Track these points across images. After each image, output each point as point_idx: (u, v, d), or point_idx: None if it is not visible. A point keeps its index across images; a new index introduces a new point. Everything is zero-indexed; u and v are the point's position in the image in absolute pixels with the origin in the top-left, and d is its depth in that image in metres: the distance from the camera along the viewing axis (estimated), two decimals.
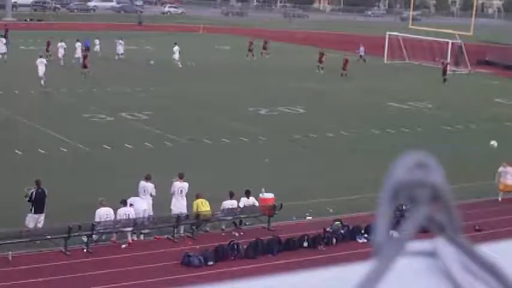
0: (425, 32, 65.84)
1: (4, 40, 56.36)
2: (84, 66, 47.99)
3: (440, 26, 72.09)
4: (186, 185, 22.71)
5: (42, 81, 43.68)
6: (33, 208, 20.99)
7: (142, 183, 22.51)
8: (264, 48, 64.76)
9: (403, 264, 0.92)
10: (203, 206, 22.25)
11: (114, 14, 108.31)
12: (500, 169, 26.95)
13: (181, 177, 22.94)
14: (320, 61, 55.61)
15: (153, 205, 22.31)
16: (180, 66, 54.83)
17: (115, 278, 18.72)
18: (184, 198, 22.62)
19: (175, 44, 56.19)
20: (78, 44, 55.87)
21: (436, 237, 0.96)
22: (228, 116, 37.69)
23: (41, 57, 45.99)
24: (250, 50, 62.33)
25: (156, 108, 39.03)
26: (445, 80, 53.45)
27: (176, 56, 55.62)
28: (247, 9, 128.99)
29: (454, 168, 24.08)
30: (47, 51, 52.78)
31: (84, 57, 49.39)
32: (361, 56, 64.06)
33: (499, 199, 26.52)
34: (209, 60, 59.95)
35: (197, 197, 22.36)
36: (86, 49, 57.40)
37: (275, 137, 34.00)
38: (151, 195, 22.39)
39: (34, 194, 21.02)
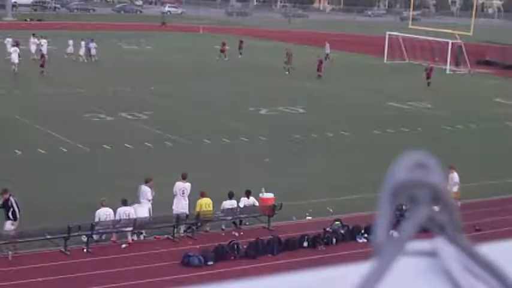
0: (425, 32, 65.83)
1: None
2: (42, 65, 48.05)
3: (440, 26, 72.12)
4: (188, 185, 22.68)
5: (15, 68, 47.43)
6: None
7: (142, 187, 22.36)
8: (240, 48, 63.93)
9: (403, 264, 0.92)
10: (206, 207, 22.27)
11: (115, 14, 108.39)
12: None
13: (184, 177, 22.91)
14: (288, 61, 54.60)
15: (154, 205, 22.24)
16: (94, 60, 55.04)
17: (115, 278, 18.72)
18: (186, 199, 22.59)
19: (92, 40, 56.32)
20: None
21: (436, 237, 0.96)
22: (228, 116, 37.70)
23: (13, 46, 50.06)
24: (222, 51, 61.15)
25: (156, 108, 39.06)
26: (429, 84, 51.58)
27: (93, 52, 55.81)
28: (247, 9, 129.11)
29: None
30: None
31: (42, 56, 49.71)
32: (327, 55, 63.11)
33: None
34: (209, 60, 59.95)
35: (202, 196, 22.34)
36: (89, 50, 56.84)
37: (275, 137, 34.01)
38: (148, 200, 22.19)
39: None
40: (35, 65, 50.42)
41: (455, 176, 24.12)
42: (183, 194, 22.59)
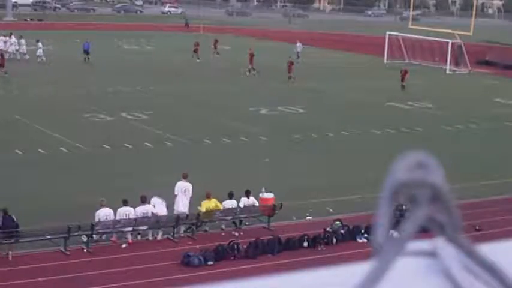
0: (425, 32, 65.83)
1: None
2: (1, 65, 47.99)
3: (440, 26, 72.10)
4: (189, 185, 22.60)
5: None
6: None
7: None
8: (215, 47, 63.04)
9: (403, 264, 0.92)
10: (210, 207, 22.30)
11: (115, 14, 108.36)
12: None
13: (185, 177, 22.87)
14: (250, 62, 53.74)
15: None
16: (44, 59, 53.75)
17: (115, 278, 18.72)
18: (188, 198, 22.50)
19: (38, 40, 54.75)
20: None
21: (436, 237, 0.96)
22: (228, 116, 37.69)
23: None
24: (195, 51, 59.75)
25: (156, 108, 39.04)
26: (403, 87, 49.39)
27: (40, 52, 54.64)
28: (247, 9, 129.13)
29: (454, 168, 24.12)
30: None
31: (1, 55, 49.77)
32: (298, 53, 62.20)
33: None
34: (209, 59, 59.93)
35: (207, 197, 22.32)
36: (85, 52, 55.37)
37: (275, 136, 34.01)
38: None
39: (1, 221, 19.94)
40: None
41: None
42: (184, 193, 22.53)
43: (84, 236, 20.49)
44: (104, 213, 20.95)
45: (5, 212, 20.01)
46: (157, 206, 21.84)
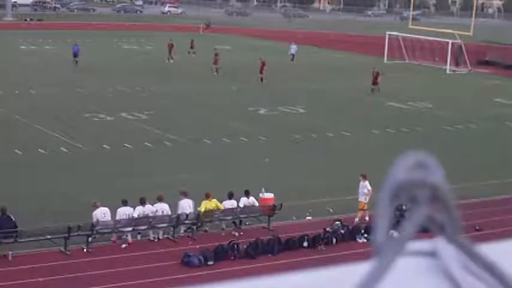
0: (425, 32, 65.84)
1: None
2: None
3: (440, 26, 72.11)
4: (188, 201, 22.46)
5: None
6: None
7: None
8: (191, 47, 62.44)
9: (403, 264, 0.92)
10: (210, 208, 22.25)
11: (115, 14, 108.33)
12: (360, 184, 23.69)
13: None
14: (215, 62, 53.28)
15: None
16: None
17: (115, 278, 18.72)
18: (190, 203, 22.25)
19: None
20: None
21: (436, 237, 0.96)
22: (228, 116, 37.69)
23: None
24: (170, 53, 58.61)
25: (156, 108, 39.04)
26: (372, 90, 47.44)
27: None
28: (247, 9, 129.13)
29: (454, 168, 24.11)
30: None
31: None
32: (293, 55, 61.89)
33: (356, 220, 23.16)
34: (210, 60, 59.89)
35: (207, 197, 22.27)
36: (74, 55, 53.46)
37: (275, 136, 34.00)
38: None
39: None
40: (35, 65, 50.40)
41: (366, 185, 23.08)
42: (189, 207, 22.22)
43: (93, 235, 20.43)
44: (101, 212, 20.92)
45: (3, 212, 19.98)
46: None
